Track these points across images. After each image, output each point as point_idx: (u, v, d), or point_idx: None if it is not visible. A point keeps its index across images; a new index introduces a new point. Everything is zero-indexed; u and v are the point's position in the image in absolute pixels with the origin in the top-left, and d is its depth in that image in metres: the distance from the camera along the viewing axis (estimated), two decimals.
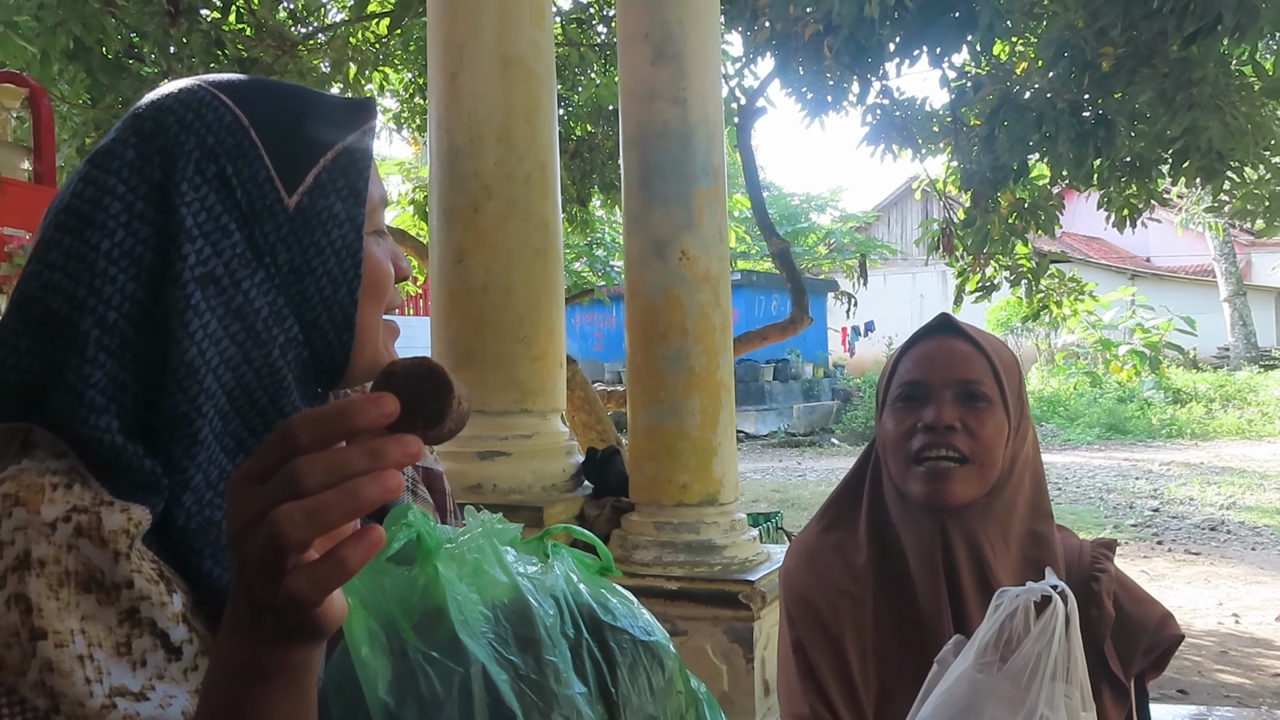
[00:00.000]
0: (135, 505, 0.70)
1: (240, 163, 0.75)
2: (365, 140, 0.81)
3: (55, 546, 0.67)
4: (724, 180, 3.92)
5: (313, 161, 0.77)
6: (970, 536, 1.24)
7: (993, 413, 1.24)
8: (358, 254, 0.79)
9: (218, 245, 0.74)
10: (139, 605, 0.69)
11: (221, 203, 0.75)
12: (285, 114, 0.78)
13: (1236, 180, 6.01)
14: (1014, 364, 1.31)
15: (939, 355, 1.27)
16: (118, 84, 5.75)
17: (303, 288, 0.77)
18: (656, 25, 3.75)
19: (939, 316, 1.33)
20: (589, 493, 3.93)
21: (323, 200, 0.77)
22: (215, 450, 0.75)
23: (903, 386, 1.28)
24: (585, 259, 13.40)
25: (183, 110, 0.77)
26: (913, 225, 23.68)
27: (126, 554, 0.69)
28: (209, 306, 0.73)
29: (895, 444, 1.27)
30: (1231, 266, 21.99)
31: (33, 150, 3.54)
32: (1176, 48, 5.05)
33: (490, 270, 3.54)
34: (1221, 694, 4.44)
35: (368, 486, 0.54)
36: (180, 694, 0.69)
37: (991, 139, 6.11)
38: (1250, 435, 14.75)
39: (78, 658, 0.65)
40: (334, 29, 7.43)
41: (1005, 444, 1.25)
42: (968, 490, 1.22)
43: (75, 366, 0.71)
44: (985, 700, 0.86)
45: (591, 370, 14.01)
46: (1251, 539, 7.84)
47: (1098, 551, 1.33)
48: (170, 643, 0.70)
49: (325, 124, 0.79)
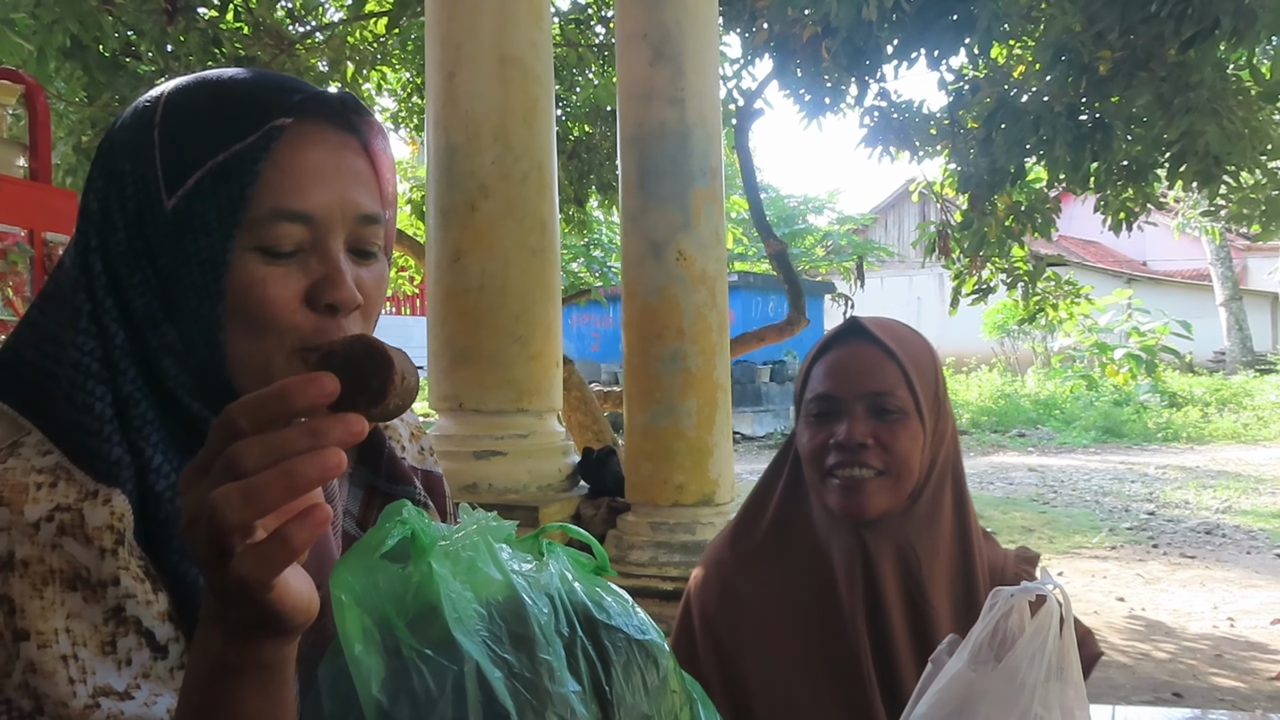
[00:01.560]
0: (116, 494, 0.70)
1: (136, 161, 0.75)
2: (264, 142, 0.72)
3: (39, 546, 0.67)
4: (721, 181, 3.92)
5: (198, 163, 0.73)
6: (894, 546, 1.24)
7: (906, 423, 1.24)
8: (219, 266, 0.72)
9: (106, 240, 0.75)
10: (124, 603, 0.69)
11: (116, 198, 0.75)
12: (192, 110, 0.75)
13: (1233, 184, 6.02)
14: (929, 363, 1.30)
15: (849, 365, 1.27)
16: (114, 82, 5.74)
17: (173, 296, 0.74)
18: (655, 26, 3.75)
19: (849, 321, 1.31)
20: (585, 493, 3.93)
21: (198, 205, 0.72)
22: (167, 434, 0.74)
23: (815, 400, 1.28)
24: (582, 259, 13.42)
25: (129, 110, 0.78)
26: (910, 227, 23.69)
27: (113, 550, 0.69)
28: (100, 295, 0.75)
29: (810, 458, 1.27)
30: (1228, 271, 22.03)
31: (28, 147, 3.53)
32: (1174, 51, 5.06)
33: (487, 270, 3.54)
34: (1216, 698, 4.44)
35: (305, 465, 0.54)
36: (165, 693, 0.69)
37: (989, 142, 6.12)
38: (1246, 439, 14.77)
39: (61, 658, 0.65)
40: (332, 28, 7.43)
41: (922, 450, 1.25)
42: (882, 502, 1.23)
43: (71, 338, 0.73)
44: (980, 700, 0.86)
45: (588, 371, 14.01)
46: (1247, 543, 7.86)
47: (1020, 566, 1.32)
48: (156, 641, 0.70)
49: (231, 121, 0.73)
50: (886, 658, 1.23)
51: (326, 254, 0.75)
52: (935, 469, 1.27)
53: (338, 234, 0.75)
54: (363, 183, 0.78)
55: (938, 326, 24.23)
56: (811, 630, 1.26)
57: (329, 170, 0.75)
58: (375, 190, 0.79)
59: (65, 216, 3.43)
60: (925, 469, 1.25)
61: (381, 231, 0.80)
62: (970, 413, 17.15)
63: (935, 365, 1.31)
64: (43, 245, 3.27)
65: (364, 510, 0.91)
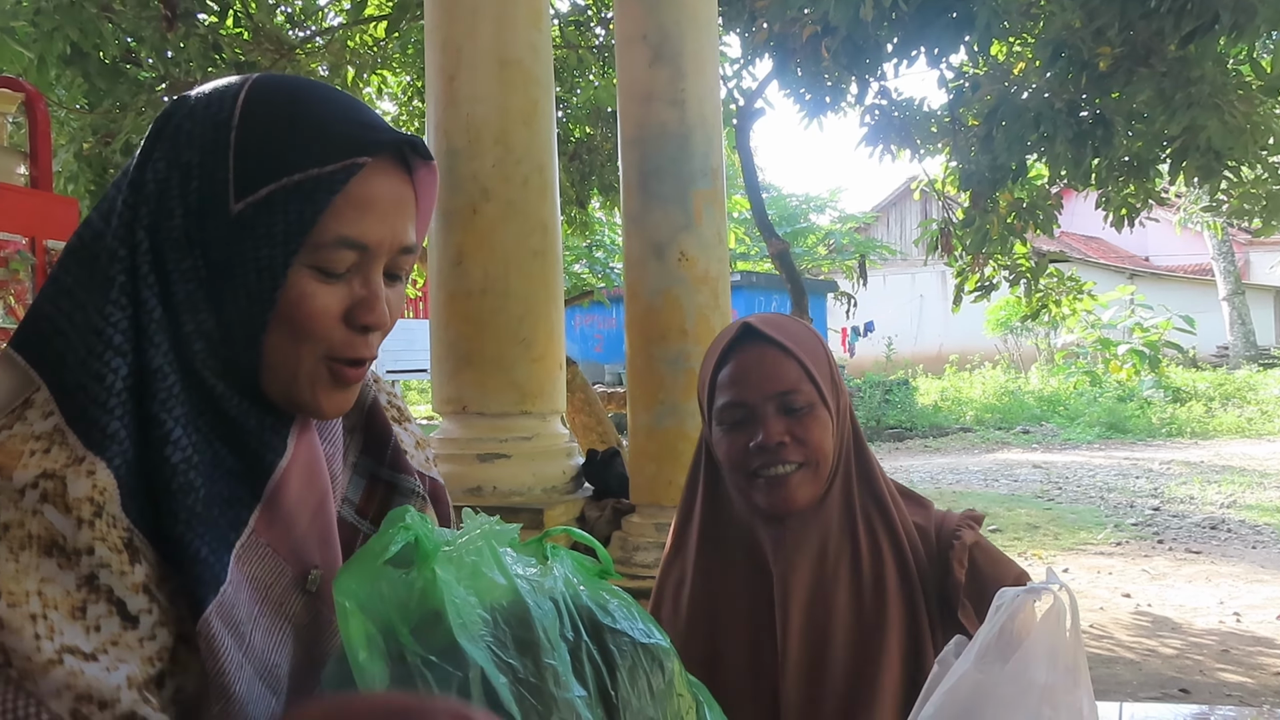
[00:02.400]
0: (101, 466, 0.73)
1: (208, 157, 0.78)
2: (343, 175, 0.77)
3: (21, 511, 0.70)
4: (723, 181, 3.92)
5: (273, 177, 0.77)
6: (818, 531, 1.32)
7: (815, 414, 1.30)
8: (278, 278, 0.77)
9: (159, 221, 0.79)
10: (98, 572, 0.72)
11: (178, 185, 0.79)
12: (273, 122, 0.78)
13: (1234, 179, 6.01)
14: (821, 350, 1.37)
15: (752, 370, 1.32)
16: (115, 89, 5.75)
17: (221, 290, 0.78)
18: (654, 27, 3.75)
19: (740, 326, 1.36)
20: (589, 494, 3.93)
21: (266, 216, 0.77)
22: (190, 409, 0.78)
23: (727, 408, 1.33)
24: (585, 261, 13.42)
25: (199, 99, 0.82)
26: (912, 225, 23.68)
27: (90, 521, 0.71)
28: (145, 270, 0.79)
29: (731, 464, 1.33)
30: (1230, 265, 22.00)
31: (29, 155, 3.53)
32: (1174, 47, 5.05)
33: (489, 272, 3.54)
34: (1223, 693, 4.43)
35: None
36: (131, 661, 0.72)
37: (989, 139, 6.12)
38: (1250, 434, 14.74)
39: (30, 616, 0.68)
40: (331, 32, 7.44)
41: (833, 434, 1.32)
42: (806, 493, 1.30)
43: (99, 307, 0.76)
44: (987, 701, 0.86)
45: (591, 372, 14.01)
46: (1252, 537, 7.84)
47: (962, 520, 1.39)
48: (127, 610, 0.72)
49: (312, 145, 0.77)
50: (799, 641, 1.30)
51: (369, 279, 0.81)
52: (844, 444, 1.35)
53: (381, 261, 0.82)
54: (409, 216, 0.84)
55: (940, 324, 24.24)
56: (743, 624, 1.33)
57: (389, 206, 0.81)
58: (414, 222, 0.85)
59: (66, 224, 3.43)
60: (839, 448, 1.33)
61: (414, 260, 0.86)
62: (974, 410, 17.13)
63: (825, 349, 1.38)
64: (44, 252, 3.27)
65: (365, 499, 0.94)
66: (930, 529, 1.37)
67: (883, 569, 1.32)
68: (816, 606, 1.30)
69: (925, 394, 18.46)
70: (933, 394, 18.56)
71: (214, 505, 0.77)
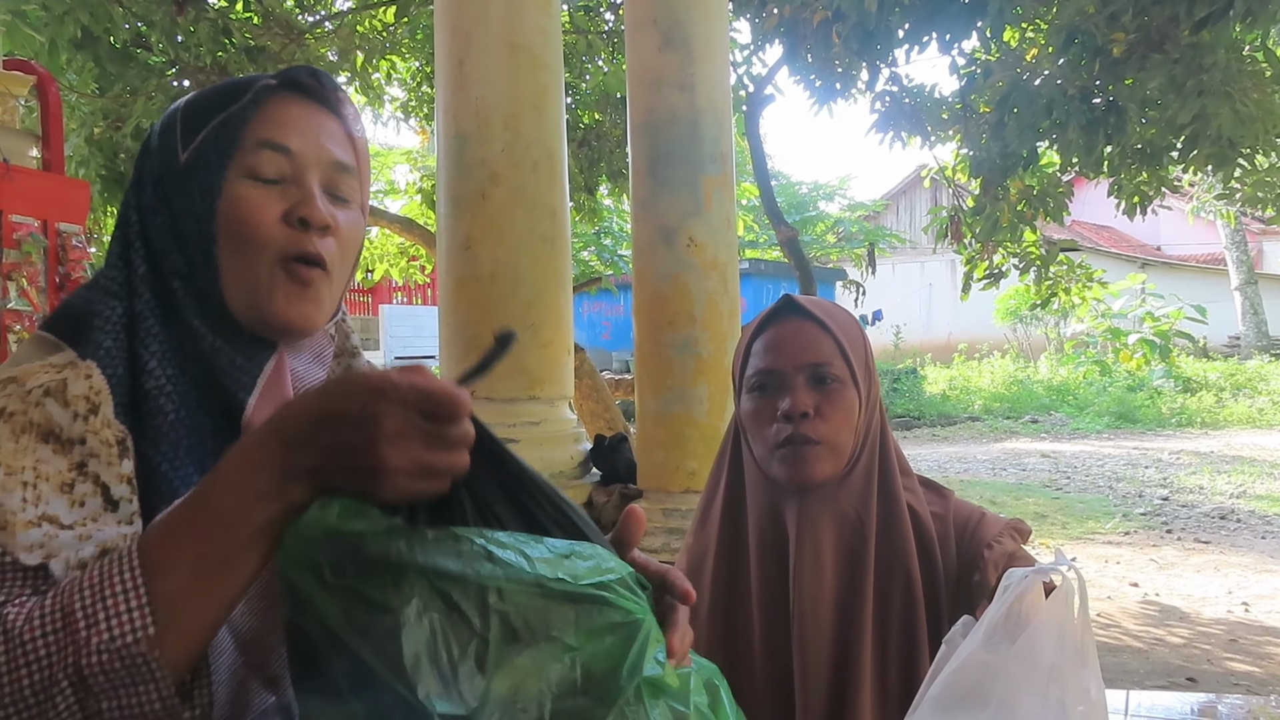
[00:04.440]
0: (95, 371, 0.83)
1: (165, 134, 0.93)
2: (254, 98, 0.90)
3: (26, 403, 0.80)
4: (732, 167, 3.91)
5: (205, 123, 0.90)
6: (835, 510, 1.32)
7: (844, 392, 1.32)
8: (215, 191, 0.88)
9: (140, 197, 0.93)
10: (89, 460, 0.80)
11: (146, 163, 0.94)
12: (207, 94, 0.93)
13: (1247, 167, 5.98)
14: (859, 336, 1.38)
15: (788, 340, 1.34)
16: (125, 73, 5.76)
17: (183, 227, 0.90)
18: (664, 12, 3.74)
19: (783, 299, 1.38)
20: (597, 480, 3.93)
21: (203, 151, 0.89)
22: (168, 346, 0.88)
23: (757, 375, 1.35)
24: (593, 248, 13.39)
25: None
26: (921, 213, 23.59)
27: (84, 416, 0.81)
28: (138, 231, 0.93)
29: (755, 431, 1.34)
30: (1243, 255, 21.85)
31: (41, 139, 3.54)
32: (1187, 33, 5.02)
33: (498, 258, 3.54)
34: (1231, 682, 4.43)
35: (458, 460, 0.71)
36: (108, 533, 0.79)
37: (1001, 126, 6.08)
38: (1261, 424, 14.67)
39: (22, 483, 0.77)
40: (341, 17, 7.43)
41: (859, 416, 1.33)
42: (825, 468, 1.30)
43: (104, 271, 0.91)
44: (994, 681, 0.86)
45: (599, 359, 14.02)
46: (1262, 528, 7.82)
47: (1007, 528, 1.38)
48: (110, 495, 0.80)
49: (231, 89, 0.92)
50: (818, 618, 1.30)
51: (302, 183, 0.91)
52: (870, 433, 1.35)
53: (313, 172, 0.91)
54: (336, 139, 0.94)
55: (950, 312, 24.16)
56: (760, 600, 1.34)
57: (307, 123, 0.92)
58: (348, 148, 0.95)
59: (78, 207, 3.44)
60: (862, 433, 1.34)
61: (355, 183, 0.95)
62: (983, 399, 17.08)
63: (863, 337, 1.39)
64: (56, 235, 3.28)
65: None
66: (948, 517, 1.38)
67: (901, 547, 1.32)
68: (838, 581, 1.31)
69: (933, 383, 18.41)
70: (941, 383, 18.50)
71: (191, 433, 0.86)
